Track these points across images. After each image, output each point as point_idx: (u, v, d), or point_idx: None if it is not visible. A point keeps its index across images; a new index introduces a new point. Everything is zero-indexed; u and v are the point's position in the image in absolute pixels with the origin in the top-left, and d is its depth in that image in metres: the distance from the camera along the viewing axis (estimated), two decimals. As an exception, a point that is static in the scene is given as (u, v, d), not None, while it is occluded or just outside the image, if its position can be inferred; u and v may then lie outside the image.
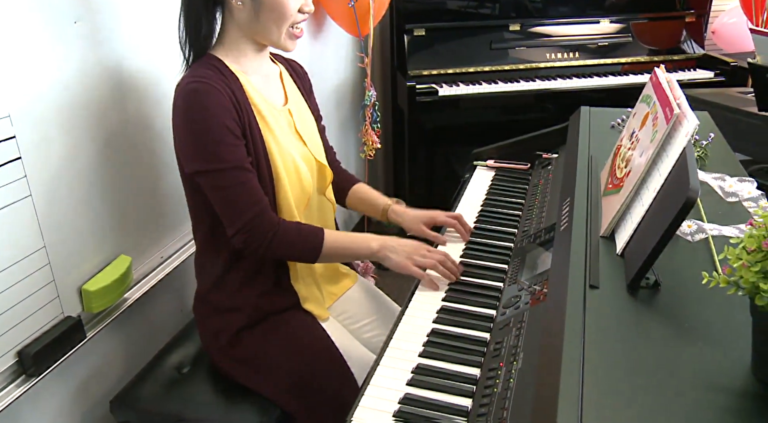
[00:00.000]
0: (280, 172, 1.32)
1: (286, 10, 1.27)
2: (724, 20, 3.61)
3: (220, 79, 1.25)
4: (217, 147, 1.22)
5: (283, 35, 1.30)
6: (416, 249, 1.34)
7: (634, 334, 0.87)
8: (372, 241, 1.35)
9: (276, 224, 1.28)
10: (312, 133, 1.46)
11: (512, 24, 3.13)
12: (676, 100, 1.11)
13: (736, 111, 2.50)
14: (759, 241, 0.74)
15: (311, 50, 2.63)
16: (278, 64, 1.47)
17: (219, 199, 1.27)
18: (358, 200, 1.62)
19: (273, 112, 1.35)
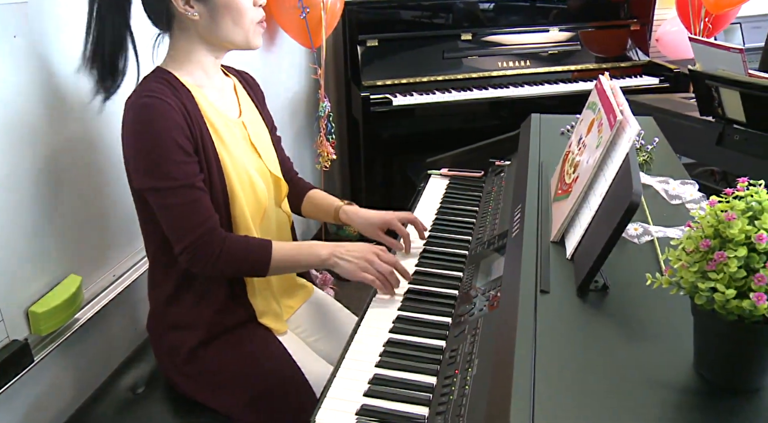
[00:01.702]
0: (234, 186, 1.31)
1: (242, 8, 1.27)
2: (666, 28, 3.73)
3: (171, 93, 1.24)
4: (167, 164, 1.20)
5: (249, 33, 1.30)
6: (365, 254, 1.33)
7: (583, 336, 0.89)
8: (321, 249, 1.34)
9: (222, 241, 1.26)
10: (266, 146, 1.46)
11: (464, 33, 3.18)
12: (619, 107, 1.14)
13: (679, 116, 2.58)
14: (697, 242, 0.76)
15: (264, 63, 2.62)
16: (231, 76, 1.46)
17: (166, 217, 1.25)
18: (312, 206, 1.62)
19: (227, 125, 1.34)
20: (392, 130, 2.98)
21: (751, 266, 0.72)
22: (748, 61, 2.27)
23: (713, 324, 0.76)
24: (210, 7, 1.25)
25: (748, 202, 0.76)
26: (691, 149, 2.69)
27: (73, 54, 1.41)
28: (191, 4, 1.25)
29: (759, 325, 0.72)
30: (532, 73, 3.21)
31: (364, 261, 1.31)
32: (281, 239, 1.48)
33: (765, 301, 0.69)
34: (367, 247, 1.35)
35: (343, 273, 1.33)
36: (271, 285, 1.45)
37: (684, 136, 2.56)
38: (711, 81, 2.28)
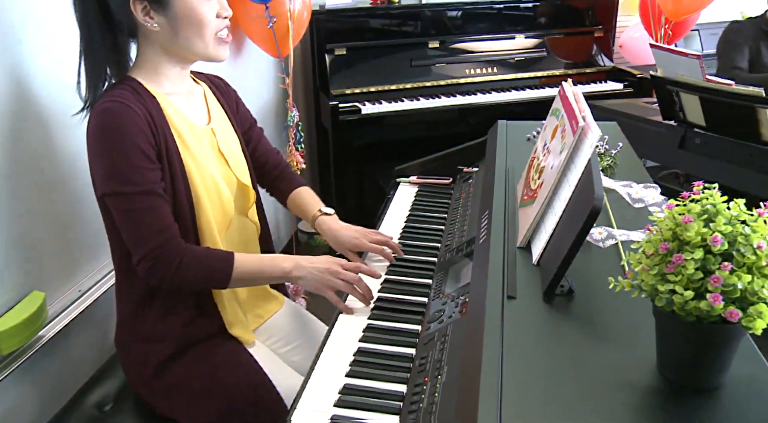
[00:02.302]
0: (200, 193, 1.30)
1: (203, 19, 1.26)
2: (629, 35, 3.80)
3: (136, 99, 1.23)
4: (128, 169, 1.19)
5: (210, 44, 1.29)
6: (329, 268, 1.31)
7: (549, 340, 0.90)
8: (284, 262, 1.33)
9: (182, 252, 1.24)
10: (235, 154, 1.45)
11: (432, 41, 3.20)
12: (581, 113, 1.16)
13: (643, 120, 2.63)
14: (656, 245, 0.78)
15: (231, 72, 2.61)
16: (200, 82, 1.45)
17: (124, 224, 1.23)
18: (296, 205, 1.61)
19: (194, 133, 1.34)
20: (362, 138, 2.99)
21: (708, 268, 0.74)
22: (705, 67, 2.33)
23: (673, 325, 0.78)
24: (170, 18, 1.24)
25: (704, 205, 0.78)
26: (654, 153, 2.75)
27: (33, 63, 1.39)
28: (151, 15, 1.24)
29: (716, 325, 0.74)
30: (500, 79, 3.25)
31: (328, 273, 1.30)
32: (248, 249, 1.47)
33: (721, 301, 0.71)
34: (330, 259, 1.34)
35: (307, 286, 1.32)
36: (238, 295, 1.44)
37: (648, 140, 2.61)
38: (671, 86, 2.33)
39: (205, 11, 1.25)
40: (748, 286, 0.72)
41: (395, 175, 1.94)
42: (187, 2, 1.24)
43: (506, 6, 3.42)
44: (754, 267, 0.73)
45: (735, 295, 0.72)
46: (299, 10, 2.67)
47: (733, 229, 0.75)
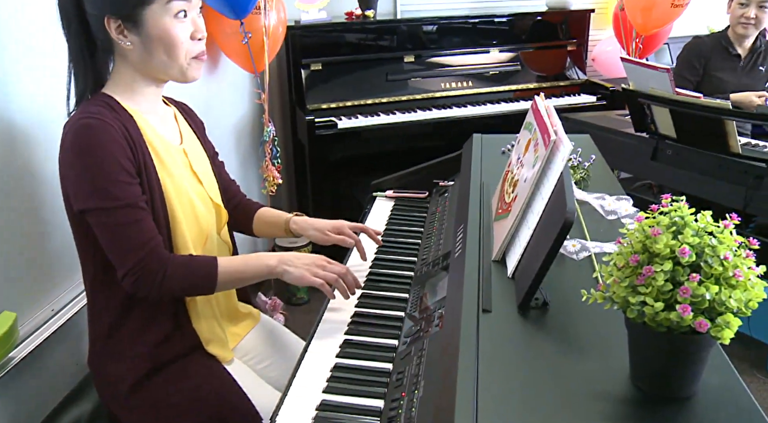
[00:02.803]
0: (176, 211, 1.30)
1: (176, 41, 1.25)
2: (601, 48, 3.87)
3: (113, 116, 1.23)
4: (110, 184, 1.19)
5: (183, 65, 1.28)
6: (315, 261, 1.33)
7: (524, 353, 0.91)
8: (269, 259, 1.33)
9: (166, 260, 1.24)
10: (207, 173, 1.45)
11: (407, 55, 3.23)
12: (553, 127, 1.17)
13: (616, 132, 2.67)
14: (626, 258, 0.79)
15: (207, 88, 2.61)
16: (170, 105, 1.45)
17: (108, 239, 1.22)
18: (263, 223, 1.61)
19: (169, 151, 1.33)
20: (338, 152, 2.99)
21: (677, 279, 0.75)
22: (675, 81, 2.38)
23: (645, 336, 0.79)
24: (143, 37, 1.24)
25: (672, 217, 0.80)
26: (628, 164, 2.79)
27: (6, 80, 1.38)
28: (125, 34, 1.24)
29: (687, 335, 0.75)
30: (475, 93, 3.28)
31: (314, 266, 1.32)
32: None
33: (690, 312, 0.72)
34: (315, 256, 1.35)
35: (293, 279, 1.32)
36: (215, 312, 1.43)
37: (621, 152, 2.66)
38: (642, 99, 2.37)
39: (177, 32, 1.25)
40: (715, 296, 0.73)
41: (372, 189, 1.94)
42: (159, 22, 1.23)
43: (481, 20, 3.47)
44: (721, 278, 0.75)
45: (703, 306, 0.73)
46: (274, 25, 2.68)
47: (700, 240, 0.77)
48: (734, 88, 2.83)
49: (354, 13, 3.19)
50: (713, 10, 4.03)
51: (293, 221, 1.57)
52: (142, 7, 1.21)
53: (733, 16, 2.82)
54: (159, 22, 1.23)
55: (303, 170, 3.20)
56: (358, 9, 3.19)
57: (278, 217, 1.60)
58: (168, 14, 1.23)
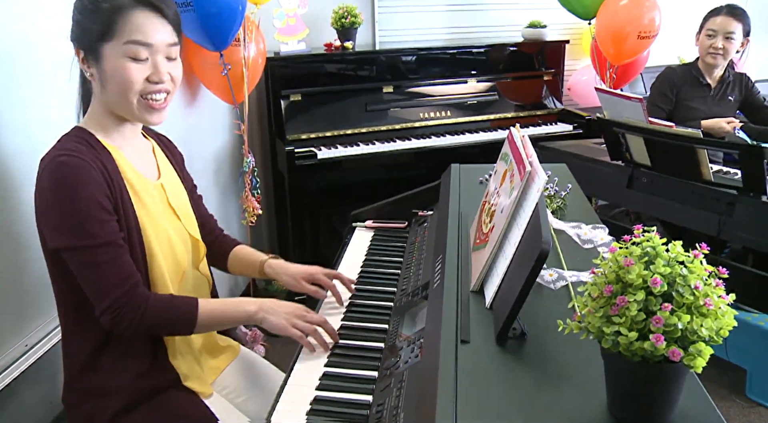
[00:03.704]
0: (153, 247, 1.29)
1: (128, 80, 1.22)
2: (577, 78, 3.94)
3: (90, 152, 1.23)
4: (87, 222, 1.18)
5: (134, 106, 1.25)
6: (295, 311, 1.33)
7: (503, 384, 0.91)
8: (248, 305, 1.33)
9: (146, 299, 1.23)
10: (185, 208, 1.45)
11: (386, 86, 3.27)
12: (529, 158, 1.19)
13: (592, 161, 2.71)
14: (601, 288, 0.80)
15: (186, 119, 2.61)
16: (150, 138, 1.45)
17: (86, 277, 1.21)
18: (238, 262, 1.60)
19: (146, 187, 1.33)
20: (318, 183, 3.00)
21: (650, 309, 0.76)
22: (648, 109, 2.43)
23: (621, 366, 0.80)
24: (101, 71, 1.24)
25: (644, 247, 0.81)
26: (604, 192, 2.83)
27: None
28: (88, 64, 1.25)
29: (661, 364, 0.76)
30: (453, 123, 3.32)
31: (293, 315, 1.32)
32: None
33: (663, 341, 0.73)
34: (296, 306, 1.35)
35: (271, 327, 1.32)
36: (193, 347, 1.41)
37: (598, 180, 2.69)
38: (617, 128, 2.42)
39: (132, 72, 1.23)
40: (687, 325, 0.74)
41: (351, 219, 1.95)
42: (116, 60, 1.22)
43: (459, 51, 3.53)
44: (692, 307, 0.76)
45: (676, 335, 0.74)
46: (254, 57, 2.70)
47: (671, 270, 0.78)
48: (705, 117, 2.90)
49: (333, 45, 3.23)
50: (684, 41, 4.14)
51: (268, 264, 1.55)
52: (101, 42, 1.22)
53: (702, 46, 2.90)
54: (115, 60, 1.22)
55: (283, 201, 3.20)
56: (337, 40, 3.23)
57: (254, 259, 1.58)
58: (124, 54, 1.22)
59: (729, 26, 2.83)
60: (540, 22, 3.66)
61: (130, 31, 1.22)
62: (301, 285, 1.51)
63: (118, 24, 1.22)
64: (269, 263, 1.56)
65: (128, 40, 1.22)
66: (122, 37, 1.22)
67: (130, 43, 1.22)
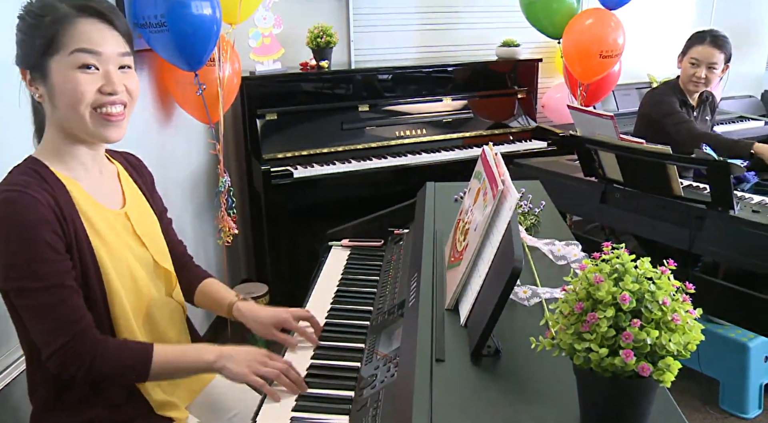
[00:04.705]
0: (113, 283, 1.24)
1: (77, 91, 1.17)
2: (550, 95, 4.00)
3: (41, 187, 1.17)
4: (33, 263, 1.13)
5: (88, 121, 1.19)
6: (256, 357, 1.27)
7: (477, 402, 0.91)
8: (207, 354, 1.27)
9: (96, 345, 1.18)
10: (154, 235, 1.40)
11: (362, 105, 3.29)
12: (501, 176, 1.21)
13: (566, 177, 2.74)
14: (571, 305, 0.81)
15: (161, 139, 2.60)
16: (114, 162, 1.40)
17: (32, 319, 1.16)
18: (205, 298, 1.54)
19: (107, 219, 1.28)
20: (295, 201, 3.00)
21: (620, 325, 0.77)
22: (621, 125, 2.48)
23: (592, 382, 0.81)
24: (50, 88, 1.18)
25: (613, 264, 0.82)
26: (579, 208, 2.86)
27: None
28: (35, 85, 1.20)
29: (631, 379, 0.77)
30: (429, 140, 3.34)
31: (255, 361, 1.25)
32: (173, 330, 1.42)
33: (633, 357, 0.74)
34: (257, 351, 1.29)
35: (232, 376, 1.25)
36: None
37: (572, 196, 2.73)
38: (589, 145, 2.46)
39: (81, 82, 1.17)
40: (656, 340, 0.76)
41: (327, 238, 1.95)
42: (64, 72, 1.17)
43: (434, 70, 3.57)
44: (661, 322, 0.77)
45: (645, 350, 0.76)
46: (229, 76, 2.70)
47: (640, 286, 0.79)
48: None
49: (309, 64, 3.25)
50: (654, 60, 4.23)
51: (236, 308, 1.48)
52: (46, 56, 1.16)
53: (685, 73, 2.92)
54: (62, 73, 1.17)
55: (259, 220, 3.18)
56: (312, 60, 3.24)
57: (222, 297, 1.52)
58: (71, 65, 1.16)
59: (712, 57, 2.83)
60: (513, 41, 3.72)
61: (76, 40, 1.17)
62: (271, 333, 1.44)
63: (62, 34, 1.16)
64: (238, 306, 1.49)
65: (75, 49, 1.16)
66: (68, 47, 1.16)
67: (76, 51, 1.16)
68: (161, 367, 1.23)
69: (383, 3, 3.63)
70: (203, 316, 2.94)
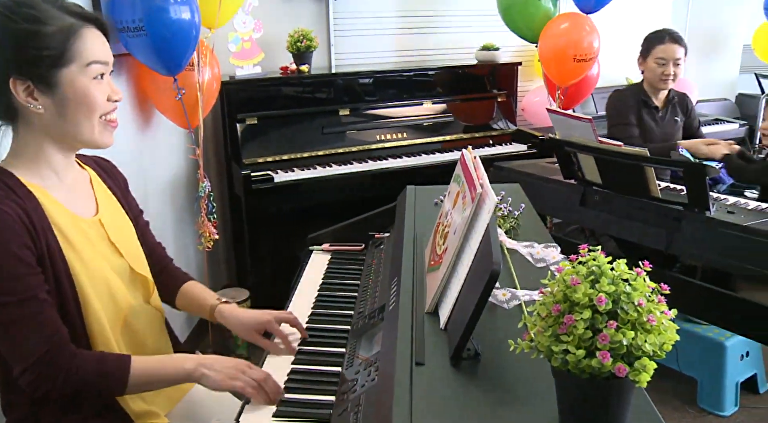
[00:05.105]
0: (87, 293, 1.22)
1: (95, 102, 1.20)
2: (530, 99, 4.03)
3: (9, 198, 1.14)
4: (4, 279, 1.11)
5: (96, 129, 1.22)
6: (236, 365, 1.26)
7: (457, 405, 0.92)
8: (186, 363, 1.25)
9: (71, 358, 1.16)
10: (129, 242, 1.38)
11: (343, 109, 3.29)
12: (480, 180, 1.21)
13: (546, 180, 2.76)
14: (549, 307, 0.82)
15: (140, 144, 2.58)
16: (86, 168, 1.38)
17: (3, 336, 1.14)
18: (187, 300, 1.53)
19: (79, 227, 1.26)
20: (276, 206, 2.99)
21: (596, 326, 0.78)
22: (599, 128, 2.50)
23: (570, 383, 0.81)
24: (58, 100, 1.18)
25: (590, 266, 0.83)
26: (558, 210, 2.88)
27: None
28: (35, 96, 1.17)
29: (608, 380, 0.78)
30: (410, 144, 3.35)
31: (234, 370, 1.24)
32: (153, 337, 1.41)
33: (609, 358, 0.75)
34: (236, 361, 1.28)
35: (212, 384, 1.24)
36: None
37: (552, 199, 2.74)
38: (569, 147, 2.48)
39: (96, 93, 1.20)
40: (632, 341, 0.76)
41: (308, 243, 1.95)
42: (77, 84, 1.18)
43: (414, 73, 3.58)
44: (636, 323, 0.78)
45: (621, 351, 0.76)
46: (208, 81, 2.69)
47: (616, 288, 0.80)
48: (658, 138, 2.99)
49: (289, 68, 3.24)
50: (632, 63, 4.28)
51: (218, 311, 1.48)
52: (57, 68, 1.16)
53: (654, 74, 2.98)
54: (77, 84, 1.18)
55: (240, 225, 3.17)
56: (293, 64, 3.24)
57: (203, 299, 1.51)
58: (87, 76, 1.19)
59: (676, 53, 2.93)
60: (493, 44, 3.74)
61: (89, 52, 1.19)
62: (254, 337, 1.43)
63: (75, 46, 1.17)
64: (220, 309, 1.48)
65: (92, 61, 1.19)
66: (82, 58, 1.18)
67: (93, 63, 1.19)
68: (139, 378, 1.21)
69: (363, 7, 3.64)
70: (184, 322, 2.92)
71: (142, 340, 1.37)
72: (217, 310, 1.48)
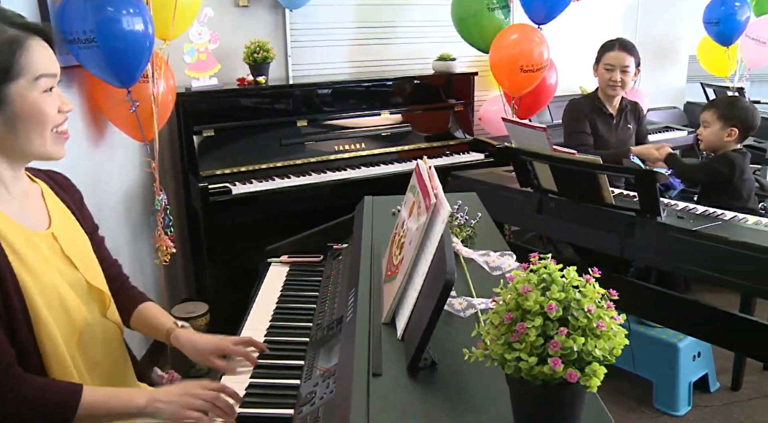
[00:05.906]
0: (39, 309, 1.18)
1: (45, 115, 1.17)
2: (487, 108, 4.09)
3: None
4: None
5: (48, 142, 1.20)
6: (186, 390, 1.22)
7: (414, 415, 0.92)
8: (138, 398, 1.20)
9: (18, 383, 1.11)
10: (84, 255, 1.35)
11: (300, 120, 3.28)
12: (434, 190, 1.22)
13: (503, 188, 2.80)
14: (501, 315, 0.83)
15: (93, 158, 2.53)
16: (37, 180, 1.35)
17: None
18: (143, 323, 1.49)
19: (30, 240, 1.22)
20: (234, 218, 2.96)
21: (548, 333, 0.79)
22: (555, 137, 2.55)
23: (524, 390, 0.83)
24: (7, 116, 1.15)
25: (540, 274, 0.85)
26: (515, 218, 2.93)
27: None
28: None
29: (561, 386, 0.79)
30: (368, 154, 3.36)
31: (186, 396, 1.21)
32: (109, 353, 1.37)
33: (561, 364, 0.77)
34: (184, 385, 1.25)
35: (167, 416, 1.20)
36: None
37: (509, 207, 2.79)
38: (524, 156, 2.52)
39: (47, 106, 1.18)
40: (583, 347, 0.78)
41: (266, 255, 1.93)
42: (28, 99, 1.15)
43: (372, 84, 3.60)
44: (586, 329, 0.80)
45: (572, 357, 0.78)
46: (163, 92, 2.65)
47: (566, 295, 0.82)
48: (613, 145, 3.07)
49: (246, 79, 3.22)
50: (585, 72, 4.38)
51: (174, 336, 1.45)
52: (5, 84, 1.14)
53: (602, 79, 3.09)
54: (27, 99, 1.15)
55: (198, 238, 3.13)
56: (249, 75, 3.22)
57: (160, 323, 1.48)
58: (37, 90, 1.16)
59: (624, 61, 3.04)
60: (449, 54, 3.78)
61: (37, 65, 1.16)
62: (210, 361, 1.41)
63: (22, 59, 1.14)
64: (176, 334, 1.45)
65: (41, 74, 1.17)
66: (30, 72, 1.15)
67: (42, 77, 1.17)
68: (88, 410, 1.16)
69: (320, 18, 3.64)
70: (141, 339, 2.86)
71: (97, 356, 1.33)
72: (173, 336, 1.45)
